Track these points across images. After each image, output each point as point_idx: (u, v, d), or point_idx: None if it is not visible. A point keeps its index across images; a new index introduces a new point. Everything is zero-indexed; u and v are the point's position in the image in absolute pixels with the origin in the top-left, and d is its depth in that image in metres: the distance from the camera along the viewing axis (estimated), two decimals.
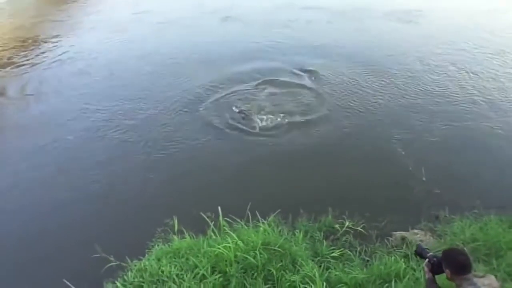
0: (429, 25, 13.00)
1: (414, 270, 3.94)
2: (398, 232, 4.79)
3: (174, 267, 3.76)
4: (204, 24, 13.87)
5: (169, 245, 4.23)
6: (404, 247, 4.48)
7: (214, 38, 12.43)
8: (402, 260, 4.09)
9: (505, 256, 3.89)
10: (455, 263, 2.95)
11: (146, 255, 4.24)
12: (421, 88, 8.77)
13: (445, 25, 12.94)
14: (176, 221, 4.35)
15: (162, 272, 3.69)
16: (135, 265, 3.97)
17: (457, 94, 8.46)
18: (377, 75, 9.50)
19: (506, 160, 6.46)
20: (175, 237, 4.28)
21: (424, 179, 5.97)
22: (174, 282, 3.59)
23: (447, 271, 3.01)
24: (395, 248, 4.53)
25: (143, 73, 10.19)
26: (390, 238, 4.77)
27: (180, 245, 4.12)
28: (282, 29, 12.87)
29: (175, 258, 3.95)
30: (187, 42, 12.29)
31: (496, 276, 3.22)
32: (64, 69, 10.80)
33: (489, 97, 8.35)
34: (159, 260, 3.93)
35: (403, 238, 4.59)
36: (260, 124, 7.71)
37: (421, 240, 4.46)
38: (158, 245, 4.32)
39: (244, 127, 7.63)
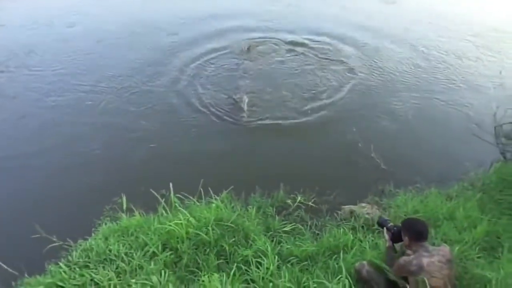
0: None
1: (361, 241, 4.11)
2: (347, 206, 4.95)
3: (123, 246, 3.63)
4: None
5: (117, 224, 4.07)
6: (352, 220, 4.65)
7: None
8: (350, 232, 4.26)
9: (442, 225, 4.16)
10: (413, 230, 3.17)
11: (93, 234, 4.06)
12: (369, 66, 8.93)
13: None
14: (124, 199, 4.18)
15: (110, 251, 3.55)
16: (80, 245, 3.78)
17: (404, 74, 8.73)
18: (322, 51, 9.58)
19: (446, 138, 6.82)
20: (123, 215, 4.12)
21: (372, 155, 6.18)
22: (123, 261, 3.47)
23: (406, 238, 3.22)
24: (343, 221, 4.69)
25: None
26: (339, 212, 4.91)
27: (129, 223, 3.98)
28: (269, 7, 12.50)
29: (123, 237, 3.82)
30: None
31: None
32: None
33: (436, 76, 8.69)
34: (106, 239, 3.77)
35: (352, 212, 4.76)
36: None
37: (368, 213, 4.65)
38: (105, 224, 4.14)
39: (198, 106, 7.45)
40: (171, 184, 4.19)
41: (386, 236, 3.54)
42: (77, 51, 9.36)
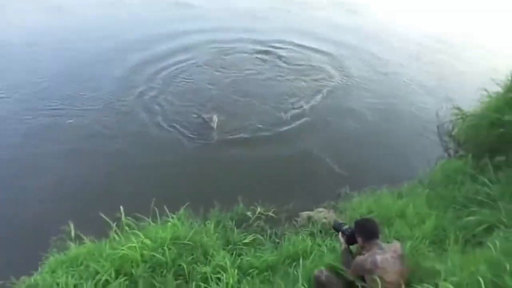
0: None
1: (320, 246, 4.16)
2: (305, 212, 5.01)
3: (72, 277, 3.41)
4: None
5: (65, 254, 3.83)
6: (310, 225, 4.70)
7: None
8: (309, 238, 4.30)
9: (395, 223, 4.31)
10: (365, 230, 3.25)
11: (39, 268, 3.80)
12: (329, 75, 9.17)
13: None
14: (72, 226, 3.96)
15: (58, 284, 3.33)
16: (24, 282, 3.52)
17: (353, 78, 9.06)
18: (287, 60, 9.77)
19: (397, 139, 7.13)
20: (72, 244, 3.89)
21: (327, 160, 6.32)
22: None
23: (359, 238, 3.28)
24: (302, 228, 4.73)
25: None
26: (298, 219, 4.96)
27: (79, 252, 3.77)
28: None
29: (72, 267, 3.59)
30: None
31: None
32: None
33: (385, 79, 9.12)
34: (53, 272, 3.53)
35: (309, 217, 4.82)
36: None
37: (325, 218, 4.72)
38: (52, 256, 3.89)
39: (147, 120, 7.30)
40: (121, 207, 4.02)
41: (341, 239, 3.60)
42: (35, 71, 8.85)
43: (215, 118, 7.17)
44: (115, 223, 4.07)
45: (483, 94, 6.03)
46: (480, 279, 2.60)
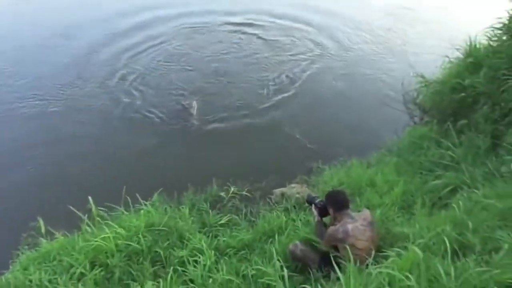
0: None
1: (294, 221, 4.22)
2: (278, 189, 5.05)
3: (45, 273, 3.34)
4: None
5: (36, 250, 3.74)
6: (284, 201, 4.76)
7: None
8: (283, 214, 4.36)
9: (365, 192, 4.43)
10: (335, 201, 3.35)
11: (11, 267, 3.70)
12: (287, 51, 9.10)
13: None
14: (42, 222, 3.86)
15: (30, 281, 3.25)
16: None
17: (319, 53, 9.04)
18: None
19: (365, 110, 7.20)
20: (43, 240, 3.79)
21: (298, 136, 6.37)
22: None
23: (331, 210, 3.38)
24: (276, 205, 4.79)
25: None
26: (272, 196, 5.00)
27: (51, 247, 3.68)
28: None
29: (45, 263, 3.51)
30: None
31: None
32: None
33: (354, 52, 9.13)
34: (25, 269, 3.44)
35: (283, 194, 4.87)
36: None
37: (298, 193, 4.79)
38: (23, 253, 3.79)
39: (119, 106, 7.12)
40: (90, 198, 3.94)
41: (315, 212, 3.69)
42: None
43: (195, 104, 7.01)
44: (86, 215, 4.00)
45: (445, 61, 6.18)
46: (445, 238, 2.71)
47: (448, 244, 2.62)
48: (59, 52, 8.74)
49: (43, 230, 3.84)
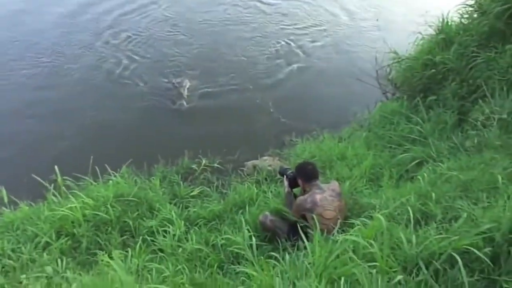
0: None
1: (265, 192, 4.25)
2: (250, 162, 5.06)
3: (8, 242, 3.25)
4: None
5: None
6: (255, 174, 4.78)
7: None
8: (254, 186, 4.38)
9: (335, 166, 4.49)
10: (304, 172, 3.40)
11: None
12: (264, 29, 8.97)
13: None
14: (4, 191, 3.72)
15: None
16: None
17: (293, 35, 8.92)
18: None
19: (337, 86, 7.24)
20: (5, 209, 3.67)
21: (271, 110, 6.34)
22: (10, 258, 3.12)
23: (300, 181, 3.43)
24: (248, 177, 4.80)
25: None
26: (244, 169, 5.00)
27: (14, 217, 3.57)
28: None
29: (8, 232, 3.42)
30: None
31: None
32: None
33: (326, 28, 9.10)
34: None
35: (255, 166, 4.88)
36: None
37: (270, 165, 4.81)
38: None
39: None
40: (56, 167, 3.81)
41: (285, 183, 3.73)
42: None
43: (187, 82, 6.77)
44: (52, 185, 3.88)
45: (417, 37, 6.22)
46: (409, 208, 2.79)
47: (411, 214, 2.70)
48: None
49: (5, 199, 3.69)
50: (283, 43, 8.28)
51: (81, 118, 6.07)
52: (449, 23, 5.58)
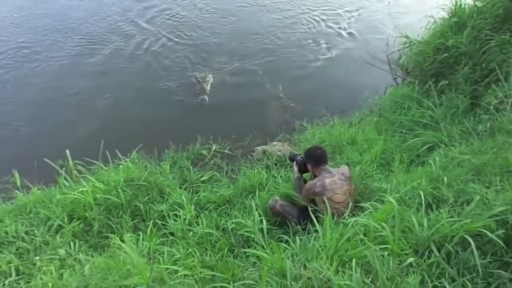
0: None
1: (275, 177, 4.26)
2: (260, 147, 5.04)
3: (22, 225, 3.30)
4: None
5: (12, 203, 3.68)
6: (265, 159, 4.77)
7: None
8: (264, 170, 4.38)
9: (345, 151, 4.47)
10: (313, 156, 3.39)
11: None
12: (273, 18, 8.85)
13: None
14: (17, 175, 3.77)
15: (6, 233, 3.21)
16: None
17: (303, 22, 8.78)
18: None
19: (348, 71, 7.13)
20: (18, 193, 3.72)
21: (281, 95, 6.30)
22: (24, 241, 3.17)
23: (309, 165, 3.43)
24: (258, 162, 4.80)
25: None
26: (253, 154, 5.00)
27: (27, 200, 3.62)
28: None
29: (22, 215, 3.47)
30: None
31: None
32: None
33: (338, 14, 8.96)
34: (0, 221, 3.39)
35: (264, 151, 4.87)
36: None
37: (279, 150, 4.80)
38: None
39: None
40: (67, 151, 3.85)
41: (295, 168, 3.73)
42: None
43: (210, 77, 6.64)
44: (63, 169, 3.92)
45: (430, 21, 6.10)
46: (421, 192, 2.77)
47: (423, 197, 2.69)
48: None
49: (18, 183, 3.75)
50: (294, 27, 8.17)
51: (95, 105, 6.09)
52: (462, 6, 5.46)
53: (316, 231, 2.64)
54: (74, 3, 8.92)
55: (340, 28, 8.31)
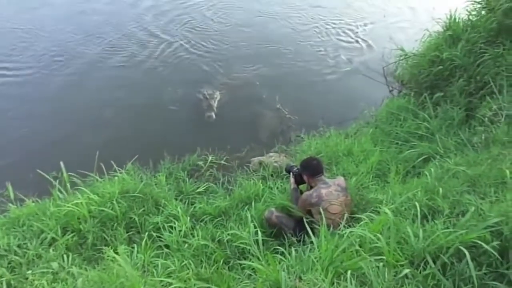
0: None
1: (271, 188, 4.24)
2: (256, 158, 5.04)
3: (14, 238, 3.26)
4: None
5: (5, 216, 3.64)
6: (261, 170, 4.76)
7: None
8: (260, 182, 4.36)
9: (341, 162, 4.46)
10: (309, 167, 3.39)
11: None
12: (273, 28, 8.99)
13: None
14: (10, 188, 3.74)
15: None
16: None
17: (302, 33, 8.90)
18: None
19: (344, 82, 7.19)
20: (11, 205, 3.69)
21: (278, 106, 6.32)
22: (16, 254, 3.13)
23: (305, 176, 3.42)
24: (254, 173, 4.79)
25: None
26: (250, 165, 4.99)
27: (20, 213, 3.58)
28: None
29: (14, 228, 3.43)
30: None
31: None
32: None
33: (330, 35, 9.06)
34: None
35: (261, 162, 4.86)
36: None
37: (276, 161, 4.79)
38: None
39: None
40: (61, 163, 3.83)
41: (291, 180, 3.72)
42: None
43: (218, 95, 6.54)
44: (57, 181, 3.90)
45: (425, 34, 6.18)
46: (416, 203, 2.77)
47: (418, 209, 2.68)
48: None
49: (11, 196, 3.71)
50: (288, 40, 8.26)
51: (89, 116, 6.09)
52: (457, 20, 5.54)
53: (312, 242, 2.62)
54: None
55: (338, 39, 8.40)
